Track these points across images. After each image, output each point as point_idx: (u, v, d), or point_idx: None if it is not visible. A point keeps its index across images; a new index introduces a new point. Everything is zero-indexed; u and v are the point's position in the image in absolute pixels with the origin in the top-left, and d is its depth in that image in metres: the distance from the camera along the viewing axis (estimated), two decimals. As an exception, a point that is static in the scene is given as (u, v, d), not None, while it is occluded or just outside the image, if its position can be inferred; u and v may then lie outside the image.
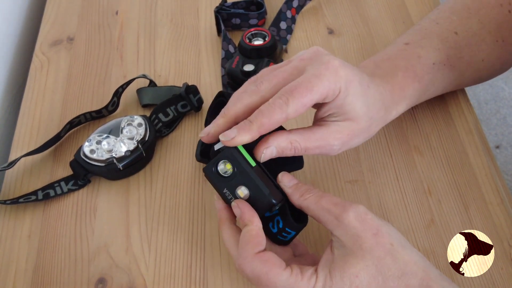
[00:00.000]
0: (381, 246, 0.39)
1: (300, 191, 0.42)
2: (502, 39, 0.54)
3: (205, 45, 0.69)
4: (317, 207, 0.41)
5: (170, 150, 0.59)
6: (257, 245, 0.40)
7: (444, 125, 0.59)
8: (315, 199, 0.41)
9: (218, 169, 0.42)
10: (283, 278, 0.39)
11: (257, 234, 0.41)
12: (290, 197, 0.43)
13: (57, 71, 0.68)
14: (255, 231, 0.41)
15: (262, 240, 0.41)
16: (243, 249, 0.40)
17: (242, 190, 0.42)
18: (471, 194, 0.53)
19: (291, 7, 0.70)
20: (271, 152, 0.42)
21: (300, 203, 0.42)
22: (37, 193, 0.55)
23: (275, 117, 0.40)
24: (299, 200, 0.42)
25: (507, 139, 1.53)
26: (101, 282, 0.50)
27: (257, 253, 0.40)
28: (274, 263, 0.39)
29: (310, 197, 0.42)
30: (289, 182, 0.43)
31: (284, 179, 0.43)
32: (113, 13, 0.75)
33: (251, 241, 0.40)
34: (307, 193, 0.42)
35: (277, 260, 0.40)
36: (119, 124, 0.57)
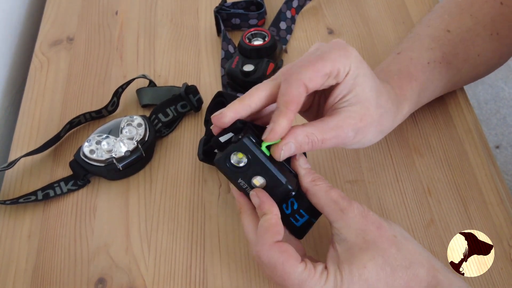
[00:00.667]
0: (384, 238, 0.40)
1: (313, 176, 0.43)
2: (496, 32, 0.55)
3: (205, 45, 0.69)
4: (326, 195, 0.41)
5: (170, 150, 0.59)
6: (276, 234, 0.40)
7: (444, 125, 0.59)
8: (326, 188, 0.42)
9: (231, 161, 0.42)
10: (298, 270, 0.39)
11: (276, 223, 0.41)
12: (302, 178, 0.43)
13: (57, 71, 0.68)
14: (274, 219, 0.41)
15: (280, 229, 0.41)
16: (262, 237, 0.40)
17: (258, 180, 0.42)
18: (471, 194, 0.53)
19: (291, 7, 0.70)
20: (290, 148, 0.42)
21: (310, 187, 0.42)
22: (37, 193, 0.55)
23: (293, 91, 0.40)
24: (310, 184, 0.42)
25: (507, 139, 1.53)
26: (101, 282, 0.50)
27: (275, 242, 0.40)
28: (291, 255, 0.40)
29: (321, 184, 0.42)
30: (304, 164, 0.44)
31: (301, 160, 0.44)
32: (113, 13, 0.75)
33: (270, 229, 0.40)
34: (319, 180, 0.43)
35: (294, 252, 0.40)
36: (119, 124, 0.57)
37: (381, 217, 0.42)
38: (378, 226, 0.40)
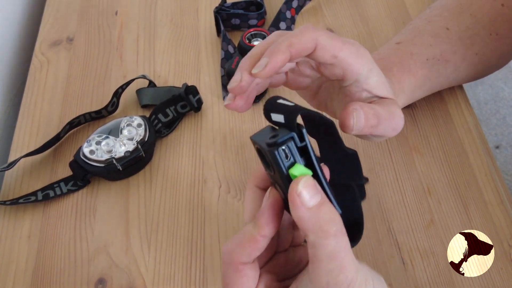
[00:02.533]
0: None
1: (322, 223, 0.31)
2: (496, 32, 0.55)
3: (204, 45, 0.69)
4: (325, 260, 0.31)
5: (169, 151, 0.59)
6: (248, 256, 0.34)
7: (444, 125, 0.59)
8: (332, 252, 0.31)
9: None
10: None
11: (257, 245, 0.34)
12: (306, 223, 0.31)
13: (56, 72, 0.68)
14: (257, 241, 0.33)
15: (258, 251, 0.34)
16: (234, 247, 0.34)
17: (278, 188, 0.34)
18: (471, 194, 0.53)
19: (291, 7, 0.70)
20: (360, 117, 0.36)
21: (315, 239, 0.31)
22: (36, 193, 0.55)
23: (304, 36, 0.35)
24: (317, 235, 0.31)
25: (507, 139, 1.53)
26: (100, 282, 0.50)
27: (240, 263, 0.34)
28: (241, 283, 0.34)
29: (330, 243, 0.31)
30: (311, 199, 0.31)
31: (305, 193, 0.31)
32: (112, 14, 0.75)
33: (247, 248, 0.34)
34: (330, 236, 0.31)
35: (247, 282, 0.34)
36: (119, 124, 0.57)
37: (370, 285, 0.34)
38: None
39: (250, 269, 0.34)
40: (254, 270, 0.35)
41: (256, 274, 0.35)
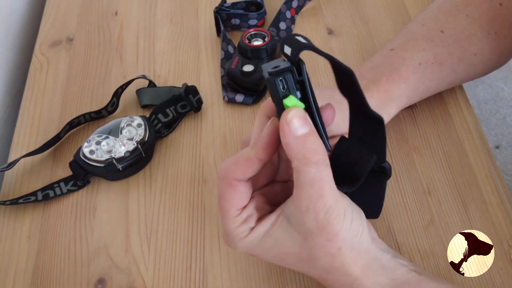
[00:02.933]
0: (325, 249, 0.37)
1: (306, 153, 0.34)
2: (494, 31, 0.54)
3: (204, 45, 0.69)
4: (305, 186, 0.35)
5: (169, 151, 0.59)
6: (242, 173, 0.37)
7: (444, 125, 0.59)
8: (312, 180, 0.34)
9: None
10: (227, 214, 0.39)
11: (252, 166, 0.36)
12: (292, 149, 0.34)
13: (56, 72, 0.68)
14: (252, 161, 0.36)
15: (252, 171, 0.37)
16: (229, 164, 0.37)
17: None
18: (471, 194, 0.53)
19: (291, 7, 0.70)
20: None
21: (298, 166, 0.34)
22: (36, 193, 0.55)
23: None
24: (300, 162, 0.34)
25: (507, 139, 1.53)
26: (100, 282, 0.50)
27: (234, 179, 0.37)
28: (233, 198, 0.38)
29: (311, 172, 0.34)
30: (298, 129, 0.34)
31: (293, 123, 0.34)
32: (112, 14, 0.75)
33: (241, 166, 0.37)
34: (312, 164, 0.34)
35: (239, 197, 0.38)
36: (119, 124, 0.57)
37: (348, 218, 0.37)
38: (330, 238, 0.36)
39: (243, 186, 0.38)
40: (247, 188, 0.38)
41: (248, 191, 0.39)
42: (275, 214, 0.39)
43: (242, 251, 0.40)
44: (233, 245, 0.40)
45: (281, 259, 0.40)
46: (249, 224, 0.39)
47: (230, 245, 0.40)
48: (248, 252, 0.40)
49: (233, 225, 0.39)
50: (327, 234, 0.36)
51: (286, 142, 0.34)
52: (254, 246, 0.39)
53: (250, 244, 0.39)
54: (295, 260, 0.39)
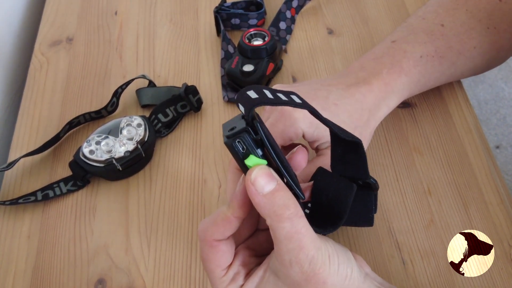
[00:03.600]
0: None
1: (276, 208, 0.34)
2: (494, 26, 0.55)
3: (204, 45, 0.69)
4: (284, 241, 0.34)
5: (169, 151, 0.59)
6: (221, 234, 0.37)
7: (444, 125, 0.58)
8: (287, 234, 0.34)
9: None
10: (213, 275, 0.38)
11: (230, 225, 0.36)
12: (263, 208, 0.34)
13: (56, 72, 0.68)
14: (230, 220, 0.36)
15: (231, 230, 0.37)
16: (209, 226, 0.37)
17: None
18: (471, 194, 0.53)
19: (291, 7, 0.70)
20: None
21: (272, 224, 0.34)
22: (36, 193, 0.55)
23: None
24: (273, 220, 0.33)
25: (507, 139, 1.53)
26: (100, 283, 0.50)
27: (214, 240, 0.37)
28: (217, 259, 0.37)
29: (284, 227, 0.33)
30: (264, 186, 0.33)
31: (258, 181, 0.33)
32: (112, 14, 0.75)
33: (220, 227, 0.36)
34: (284, 220, 0.33)
35: (223, 257, 0.37)
36: (119, 124, 0.57)
37: (335, 262, 0.36)
38: (319, 286, 0.35)
39: (225, 245, 0.37)
40: (229, 246, 0.38)
41: (231, 249, 0.38)
42: (261, 269, 0.38)
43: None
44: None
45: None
46: (237, 283, 0.38)
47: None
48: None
49: (220, 285, 0.38)
50: (315, 284, 0.35)
51: (255, 202, 0.34)
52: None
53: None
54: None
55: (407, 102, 0.60)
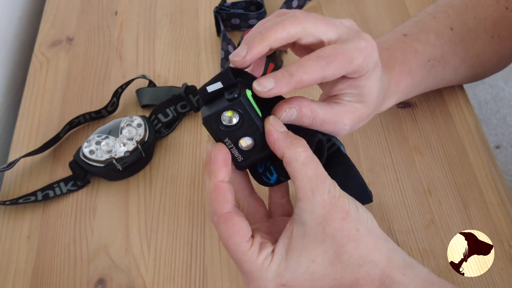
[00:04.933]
0: (345, 232, 0.37)
1: (291, 140, 0.38)
2: (498, 35, 0.55)
3: (204, 45, 0.69)
4: (302, 168, 0.37)
5: (169, 151, 0.59)
6: (223, 203, 0.38)
7: (444, 125, 0.58)
8: (304, 160, 0.37)
9: (221, 118, 0.38)
10: (240, 249, 0.38)
11: (220, 190, 0.38)
12: (278, 142, 0.38)
13: (56, 72, 0.68)
14: (219, 186, 0.38)
15: (229, 196, 0.38)
16: (212, 205, 0.38)
17: (246, 140, 0.39)
18: (471, 194, 0.53)
19: (291, 7, 0.70)
20: (291, 114, 0.39)
21: (287, 154, 0.37)
22: (36, 193, 0.55)
23: (314, 76, 0.38)
24: (287, 148, 0.37)
25: (507, 139, 1.53)
26: (100, 283, 0.50)
27: (225, 213, 0.38)
28: (237, 231, 0.38)
29: (300, 153, 0.37)
30: (280, 127, 0.39)
31: (275, 122, 0.39)
32: (112, 14, 0.75)
33: (217, 198, 0.38)
34: (298, 146, 0.38)
35: (241, 228, 0.38)
36: (119, 124, 0.57)
37: (351, 202, 0.38)
38: (343, 217, 0.37)
39: (237, 215, 0.38)
40: (241, 216, 0.39)
41: (245, 220, 0.39)
42: (288, 230, 0.38)
43: (271, 287, 0.38)
44: (262, 284, 0.38)
45: (312, 275, 0.38)
46: (267, 250, 0.38)
47: (259, 286, 0.38)
48: (279, 282, 0.38)
49: (251, 256, 0.38)
50: (340, 213, 0.37)
51: (274, 138, 0.38)
52: (283, 269, 0.38)
53: (278, 269, 0.38)
54: (325, 266, 0.38)
55: (407, 102, 0.60)
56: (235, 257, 0.38)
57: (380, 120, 0.59)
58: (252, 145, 0.40)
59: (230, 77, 0.38)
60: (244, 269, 0.38)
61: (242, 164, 0.40)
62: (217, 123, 0.39)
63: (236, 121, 0.38)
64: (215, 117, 0.39)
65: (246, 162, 0.40)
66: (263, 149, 0.40)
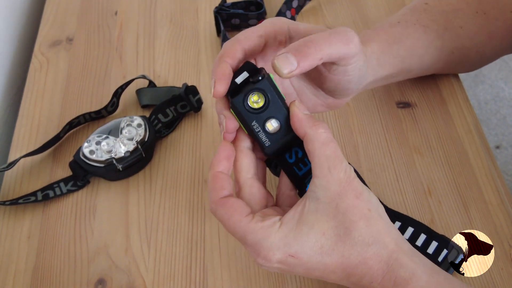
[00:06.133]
0: (357, 210, 0.38)
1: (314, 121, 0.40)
2: (483, 11, 0.55)
3: (204, 45, 0.69)
4: (321, 147, 0.39)
5: (169, 151, 0.59)
6: (220, 190, 0.39)
7: (444, 125, 0.58)
8: (325, 140, 0.39)
9: (248, 102, 0.40)
10: (241, 225, 0.38)
11: (217, 178, 0.40)
12: (301, 121, 0.40)
13: (56, 72, 0.68)
14: (216, 175, 0.40)
15: (224, 183, 0.40)
16: (211, 194, 0.40)
17: (272, 123, 0.41)
18: (471, 194, 0.53)
19: (291, 7, 0.70)
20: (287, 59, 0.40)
21: (309, 132, 0.39)
22: (36, 194, 0.55)
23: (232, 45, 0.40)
24: (310, 128, 0.39)
25: (507, 139, 1.53)
26: (100, 283, 0.50)
27: (220, 199, 0.39)
28: (235, 210, 0.38)
29: (322, 133, 0.39)
30: (304, 109, 0.41)
31: (300, 105, 0.41)
32: (112, 14, 0.75)
33: (215, 186, 0.40)
34: (320, 127, 0.39)
35: (239, 207, 0.39)
36: (119, 124, 0.57)
37: (364, 187, 0.40)
38: (357, 195, 0.38)
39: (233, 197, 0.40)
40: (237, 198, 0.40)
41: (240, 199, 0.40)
42: (299, 205, 0.39)
43: (279, 256, 0.37)
44: (270, 253, 0.37)
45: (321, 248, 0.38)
46: (273, 218, 0.38)
47: (267, 256, 0.38)
48: (287, 252, 0.38)
49: (255, 226, 0.38)
50: (354, 191, 0.38)
51: (298, 119, 0.40)
52: (292, 239, 0.37)
53: (286, 238, 0.37)
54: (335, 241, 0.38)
55: (407, 102, 0.61)
56: (239, 234, 0.38)
57: (380, 120, 0.59)
58: (278, 127, 0.41)
59: (252, 64, 0.40)
60: (250, 241, 0.38)
61: (270, 149, 0.41)
62: (244, 106, 0.40)
63: (262, 103, 0.40)
64: (242, 99, 0.40)
65: (273, 147, 0.41)
66: (289, 131, 0.41)
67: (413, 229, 0.48)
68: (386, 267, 0.38)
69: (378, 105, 0.61)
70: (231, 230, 0.39)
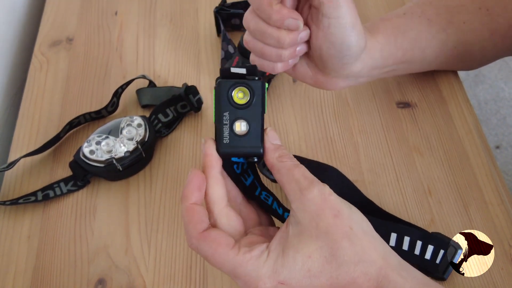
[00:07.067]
0: (338, 229, 0.37)
1: (280, 152, 0.41)
2: (486, 8, 0.55)
3: (204, 45, 0.69)
4: (288, 173, 0.39)
5: (169, 151, 0.59)
6: (198, 223, 0.38)
7: (444, 125, 0.58)
8: (290, 166, 0.40)
9: (232, 91, 0.39)
10: (229, 258, 0.37)
11: (193, 211, 0.39)
12: (269, 153, 0.41)
13: (56, 72, 0.68)
14: (190, 208, 0.39)
15: (202, 216, 0.39)
16: (188, 229, 0.39)
17: (242, 125, 0.40)
18: (471, 194, 0.53)
19: (291, 7, 0.70)
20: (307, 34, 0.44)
21: (275, 163, 0.40)
22: (36, 194, 0.55)
23: None
24: (276, 159, 0.40)
25: (507, 139, 1.53)
26: (100, 283, 0.50)
27: (201, 233, 0.38)
28: (219, 243, 0.38)
29: (287, 161, 0.40)
30: (274, 139, 0.41)
31: (271, 134, 0.41)
32: (112, 14, 0.75)
33: (191, 220, 0.39)
34: (285, 157, 0.40)
35: (223, 239, 0.38)
36: (119, 124, 0.57)
37: (344, 202, 0.39)
38: (336, 214, 0.37)
39: (213, 229, 0.39)
40: (216, 229, 0.39)
41: (220, 230, 0.39)
42: (283, 231, 0.39)
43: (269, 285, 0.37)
44: (261, 283, 0.37)
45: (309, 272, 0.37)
46: (260, 247, 0.38)
47: (258, 286, 0.37)
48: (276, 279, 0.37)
49: (243, 258, 0.37)
50: (331, 210, 0.38)
51: (267, 148, 0.41)
52: (280, 266, 0.37)
53: (275, 265, 0.37)
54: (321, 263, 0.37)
55: (407, 102, 0.61)
56: (227, 268, 0.38)
57: (380, 120, 0.59)
58: (245, 132, 0.40)
59: (256, 70, 0.40)
60: (240, 274, 0.38)
61: (224, 148, 0.40)
62: (227, 92, 0.39)
63: (244, 102, 0.39)
64: (229, 85, 0.39)
65: (228, 149, 0.40)
66: (251, 144, 0.40)
67: (409, 238, 0.47)
68: (376, 284, 0.38)
69: (378, 105, 0.61)
70: (219, 264, 0.38)
